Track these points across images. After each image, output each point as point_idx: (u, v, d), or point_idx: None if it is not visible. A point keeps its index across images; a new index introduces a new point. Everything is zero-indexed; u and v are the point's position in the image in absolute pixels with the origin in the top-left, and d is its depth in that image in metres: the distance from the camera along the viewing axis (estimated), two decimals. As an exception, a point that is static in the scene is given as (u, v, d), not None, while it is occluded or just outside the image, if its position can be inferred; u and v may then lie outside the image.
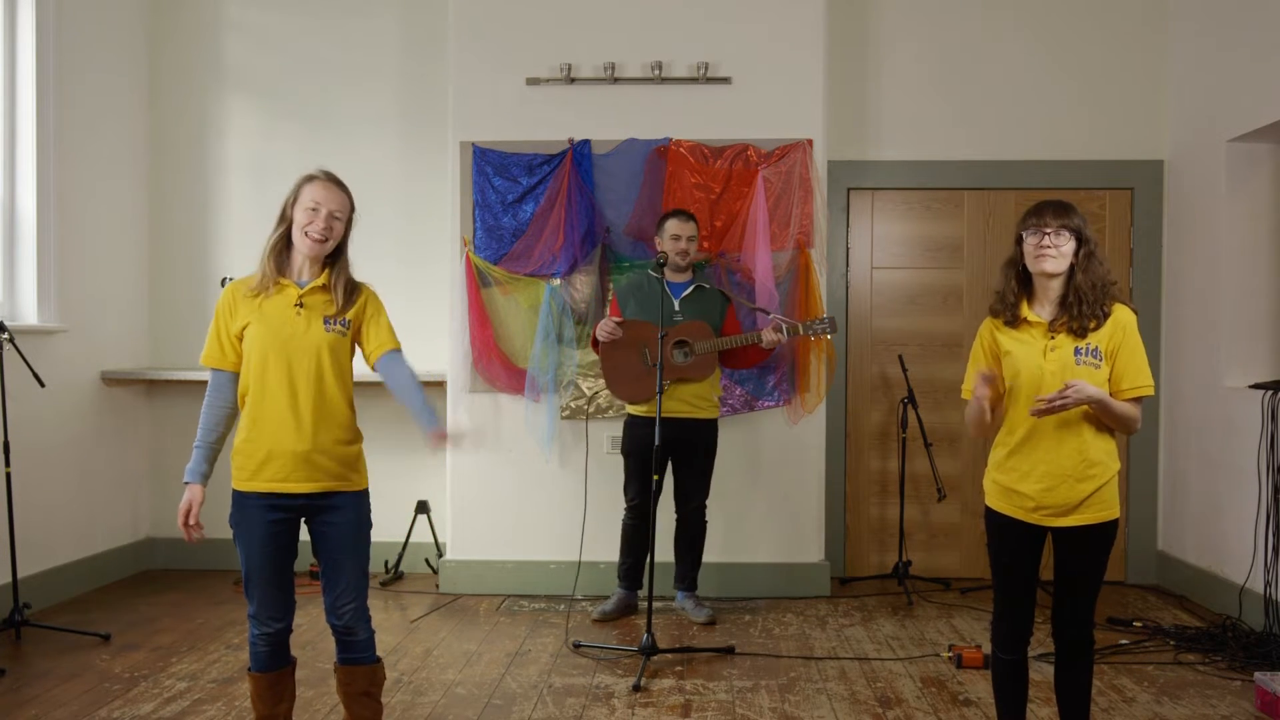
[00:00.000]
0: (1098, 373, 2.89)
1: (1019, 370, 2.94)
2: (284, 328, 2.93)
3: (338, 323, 2.98)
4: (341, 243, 3.04)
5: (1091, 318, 2.89)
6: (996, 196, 5.73)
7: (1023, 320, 2.97)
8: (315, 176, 3.03)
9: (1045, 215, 2.91)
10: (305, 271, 3.01)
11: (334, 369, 2.96)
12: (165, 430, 5.86)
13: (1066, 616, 3.01)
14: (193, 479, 2.95)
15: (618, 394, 4.84)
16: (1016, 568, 3.00)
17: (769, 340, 4.64)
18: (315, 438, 2.91)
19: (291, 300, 2.96)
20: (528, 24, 5.38)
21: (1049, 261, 2.89)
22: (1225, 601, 4.89)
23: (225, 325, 2.97)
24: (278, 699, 3.06)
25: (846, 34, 5.68)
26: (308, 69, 5.84)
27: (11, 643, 4.43)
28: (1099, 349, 2.90)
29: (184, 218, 5.90)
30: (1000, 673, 3.08)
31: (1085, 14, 5.67)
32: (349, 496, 2.99)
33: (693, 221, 4.84)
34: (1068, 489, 2.90)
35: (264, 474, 2.91)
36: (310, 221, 2.95)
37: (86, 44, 5.37)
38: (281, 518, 2.94)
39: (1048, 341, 2.93)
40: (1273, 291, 5.07)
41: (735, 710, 3.77)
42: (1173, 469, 5.57)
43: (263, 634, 2.98)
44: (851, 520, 5.76)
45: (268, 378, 2.91)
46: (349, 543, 3.00)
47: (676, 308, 4.76)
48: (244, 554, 2.95)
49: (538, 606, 5.16)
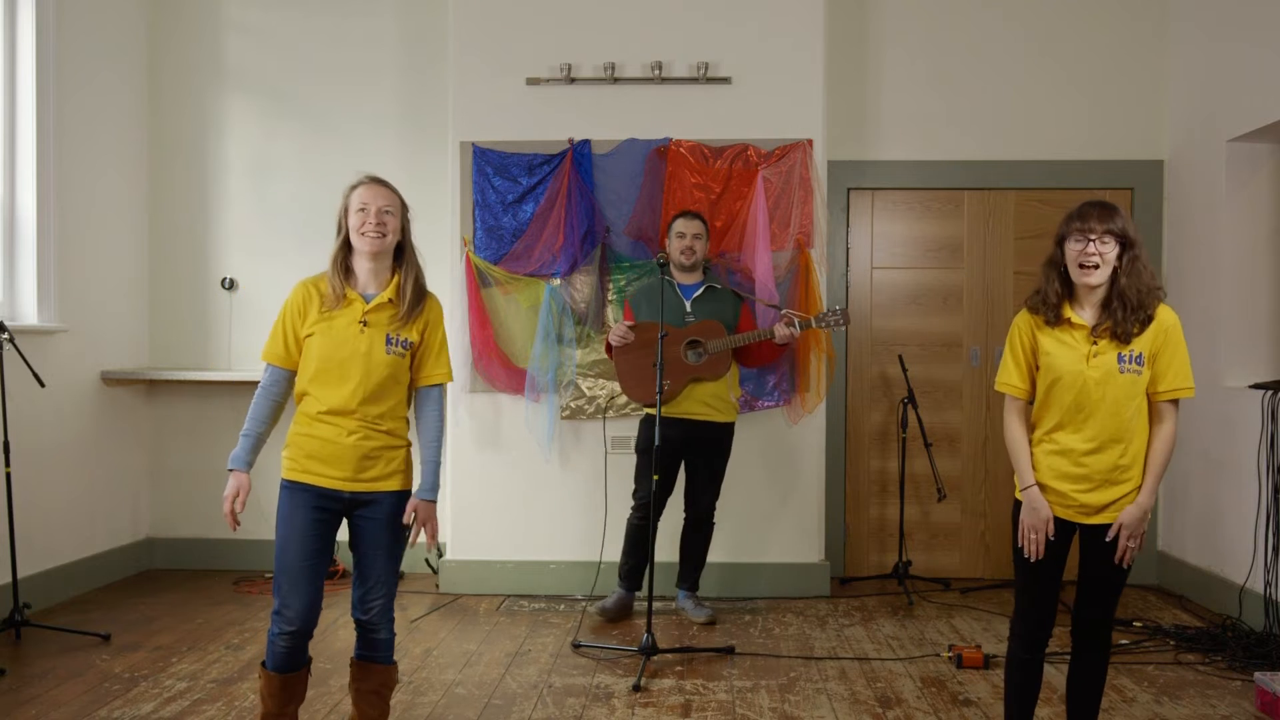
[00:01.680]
0: (1139, 380, 2.86)
1: (1060, 374, 2.90)
2: (345, 345, 2.95)
3: (399, 344, 3.00)
4: (404, 239, 3.06)
5: (1135, 323, 2.84)
6: (996, 196, 5.73)
7: (1064, 321, 2.91)
8: (360, 182, 3.06)
9: (1090, 220, 2.83)
10: (372, 281, 3.02)
11: (392, 387, 3.00)
12: (165, 430, 5.86)
13: (1089, 614, 3.00)
14: (238, 465, 2.98)
15: (632, 396, 4.83)
16: (1044, 563, 2.96)
17: (781, 335, 4.63)
18: (368, 445, 2.96)
19: (357, 316, 2.97)
20: (528, 24, 5.38)
21: (1093, 274, 2.83)
22: (1225, 601, 4.89)
23: (293, 326, 3.00)
24: (288, 699, 3.06)
25: (846, 34, 5.69)
26: (308, 69, 5.83)
27: (11, 643, 4.43)
28: (1142, 355, 2.86)
29: (184, 218, 5.90)
30: (1016, 672, 3.05)
31: (1085, 14, 5.67)
32: (390, 495, 3.03)
33: (698, 220, 4.83)
34: (1104, 491, 2.90)
35: (315, 469, 2.96)
36: (362, 222, 2.97)
37: (86, 44, 5.37)
38: (326, 509, 2.97)
39: (1090, 347, 2.88)
40: (1273, 291, 5.07)
41: (735, 710, 3.77)
42: (1173, 469, 5.57)
43: (284, 632, 2.97)
44: (851, 520, 5.77)
45: (325, 389, 2.95)
46: (385, 538, 3.03)
47: (688, 308, 4.75)
48: (280, 546, 2.96)
49: (538, 606, 5.16)
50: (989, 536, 5.74)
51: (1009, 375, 3.02)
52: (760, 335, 4.68)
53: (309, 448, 2.96)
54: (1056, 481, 2.93)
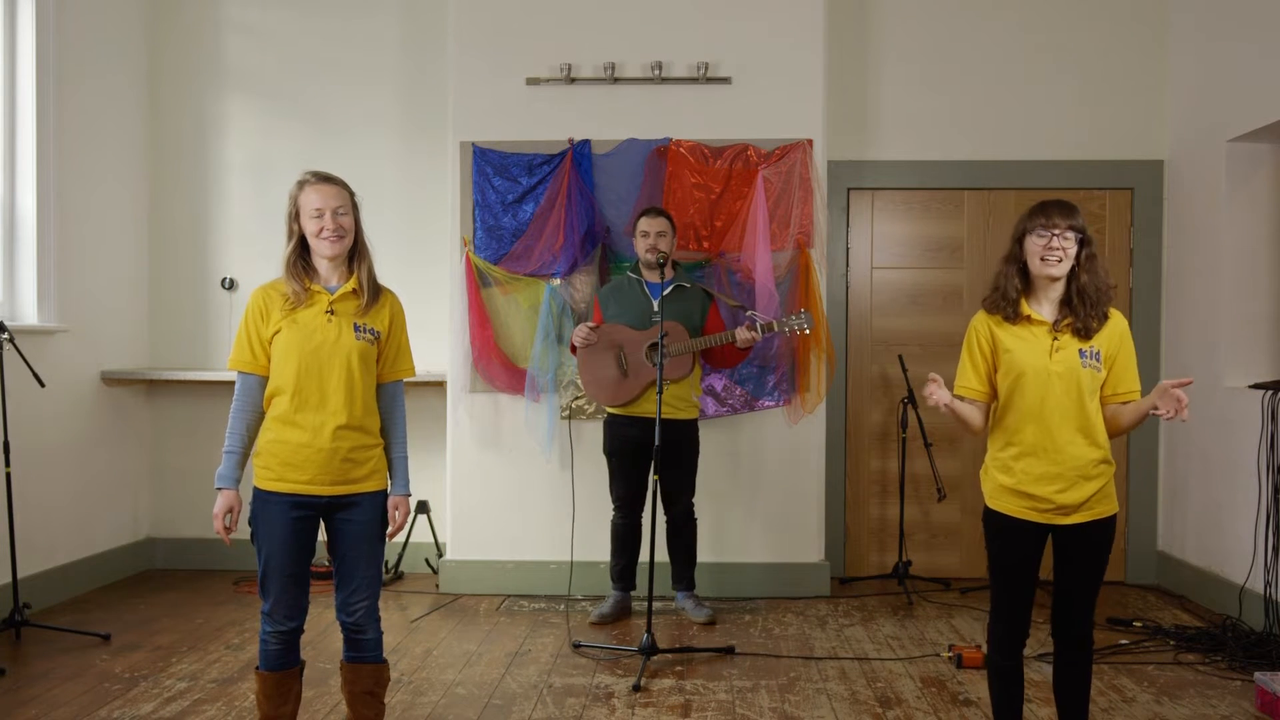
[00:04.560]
0: (1098, 376, 2.91)
1: (1023, 370, 2.92)
2: (315, 335, 2.95)
3: (367, 331, 3.01)
4: (357, 232, 3.05)
5: (1095, 318, 2.89)
6: (996, 196, 5.73)
7: (1023, 317, 2.94)
8: (306, 181, 3.03)
9: (1053, 216, 2.88)
10: (333, 275, 3.03)
11: (363, 376, 2.99)
12: (165, 430, 5.86)
13: (1068, 615, 3.00)
14: (226, 485, 2.98)
15: (595, 397, 4.86)
16: (1021, 569, 2.97)
17: (743, 339, 4.61)
18: (340, 443, 2.95)
19: (323, 308, 2.98)
20: (528, 24, 5.38)
21: (1055, 265, 2.88)
22: (1225, 601, 4.89)
23: (257, 330, 2.98)
24: (283, 699, 3.06)
25: (846, 34, 5.68)
26: (308, 69, 5.84)
27: (11, 643, 4.43)
28: (1100, 353, 2.90)
29: (184, 218, 5.90)
30: (998, 678, 3.06)
31: (1085, 14, 5.67)
32: (369, 496, 3.02)
33: (663, 218, 4.81)
34: (1079, 489, 2.90)
35: (290, 476, 2.94)
36: (320, 229, 2.97)
37: (86, 44, 5.37)
38: (303, 516, 2.97)
39: (1052, 342, 2.91)
40: (1273, 291, 5.07)
41: (735, 710, 3.77)
42: (1173, 469, 5.57)
43: (275, 632, 2.99)
44: (851, 520, 5.76)
45: (297, 384, 2.94)
46: (365, 542, 3.02)
47: (655, 308, 4.74)
48: (263, 551, 2.96)
49: (538, 606, 5.16)
50: (989, 536, 5.74)
51: (966, 379, 3.02)
52: (722, 339, 4.66)
53: (283, 454, 2.94)
54: (1032, 485, 2.92)
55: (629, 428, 4.75)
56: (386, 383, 3.09)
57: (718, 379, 5.28)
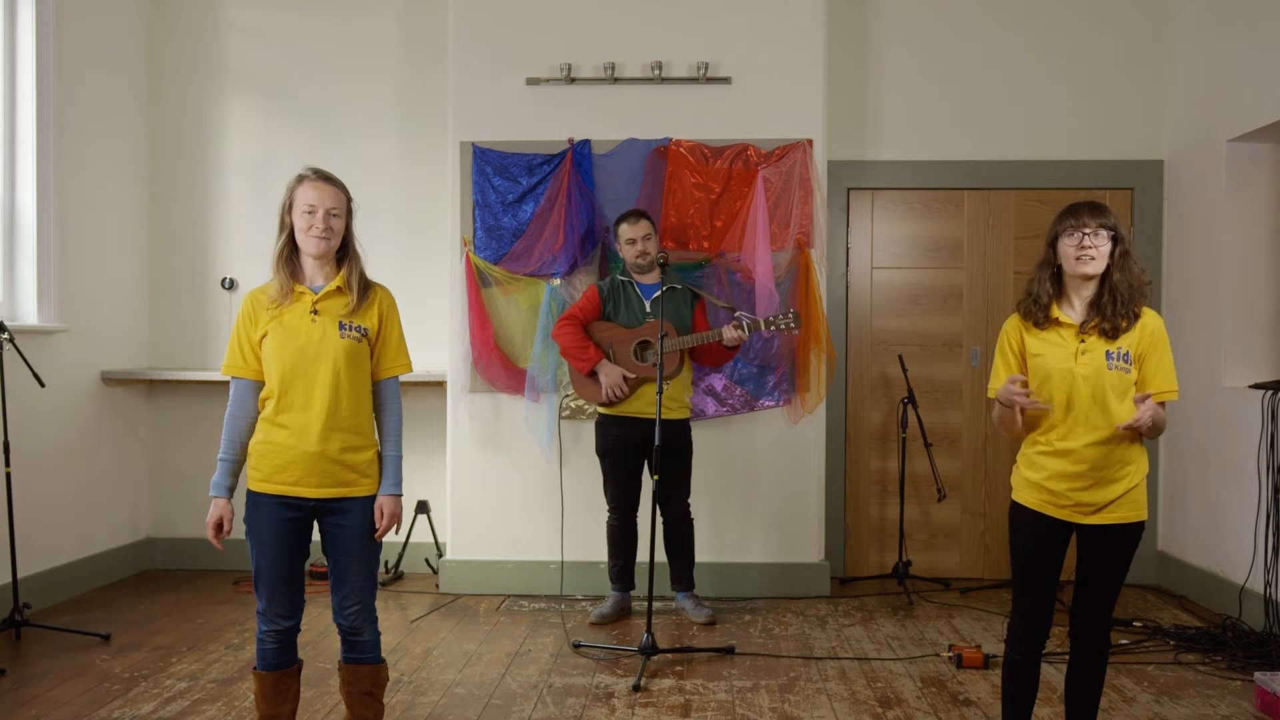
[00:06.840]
0: (1127, 377, 2.88)
1: (1049, 373, 2.92)
2: (300, 335, 2.94)
3: (354, 329, 2.98)
4: (347, 236, 3.04)
5: (1124, 317, 2.88)
6: (996, 196, 5.73)
7: (1052, 321, 2.94)
8: (305, 176, 3.03)
9: (1083, 216, 2.89)
10: (319, 274, 3.02)
11: (350, 376, 2.97)
12: (165, 430, 5.87)
13: (1086, 615, 3.01)
14: (219, 493, 2.98)
15: (584, 397, 4.86)
16: (1041, 562, 2.98)
17: (730, 338, 4.62)
18: (330, 444, 2.93)
19: (308, 307, 2.96)
20: (528, 24, 5.38)
21: (1090, 264, 2.87)
22: (1225, 601, 4.89)
23: (246, 335, 2.98)
24: (282, 699, 3.06)
25: (846, 33, 5.69)
26: (308, 69, 5.84)
27: (11, 643, 4.43)
28: (1129, 353, 2.89)
29: (184, 218, 5.90)
30: (1012, 674, 3.06)
31: (1086, 14, 5.67)
32: (360, 500, 3.00)
33: (644, 220, 4.82)
34: (1101, 489, 2.90)
35: (278, 477, 2.94)
36: (309, 225, 2.96)
37: (86, 44, 5.37)
38: (294, 517, 2.96)
39: (1078, 344, 2.91)
40: (1273, 291, 5.07)
41: (735, 710, 3.77)
42: (1173, 469, 5.57)
43: (271, 631, 3.00)
44: (851, 520, 5.76)
45: (285, 385, 2.93)
46: (357, 545, 3.01)
47: (647, 309, 4.77)
48: (255, 552, 2.97)
49: (538, 606, 5.16)
50: (989, 536, 5.74)
51: (1000, 381, 3.02)
52: (709, 337, 4.66)
53: (271, 456, 2.94)
54: (1053, 481, 2.94)
55: (619, 427, 4.77)
56: (381, 380, 3.07)
57: (718, 379, 5.28)
